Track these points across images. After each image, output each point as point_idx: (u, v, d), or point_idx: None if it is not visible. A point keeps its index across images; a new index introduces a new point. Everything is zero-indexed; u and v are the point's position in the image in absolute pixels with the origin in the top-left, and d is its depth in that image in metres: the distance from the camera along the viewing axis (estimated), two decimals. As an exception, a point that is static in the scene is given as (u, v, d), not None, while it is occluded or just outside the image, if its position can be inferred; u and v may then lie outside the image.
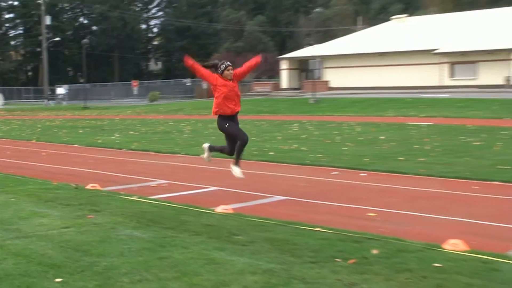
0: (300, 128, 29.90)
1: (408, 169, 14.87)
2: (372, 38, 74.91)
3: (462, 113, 37.64)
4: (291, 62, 78.16)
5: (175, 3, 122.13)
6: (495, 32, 63.51)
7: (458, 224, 9.17)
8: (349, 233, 8.10)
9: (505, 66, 59.68)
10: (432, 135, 24.21)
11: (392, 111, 41.83)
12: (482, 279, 6.12)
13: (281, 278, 6.13)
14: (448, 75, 64.00)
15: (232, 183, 13.23)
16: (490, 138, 22.65)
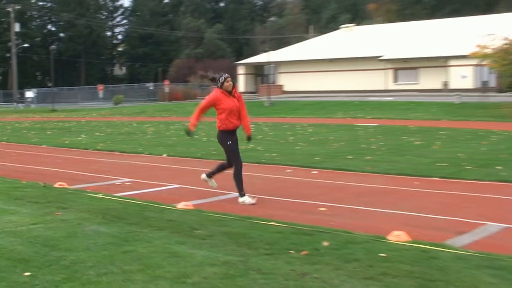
0: (256, 129, 29.87)
1: (356, 166, 14.98)
2: (322, 46, 75.35)
3: (405, 115, 38.02)
4: (248, 67, 78.24)
5: (138, 12, 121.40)
6: (434, 41, 64.31)
7: (401, 217, 9.26)
8: (302, 226, 8.14)
9: (443, 72, 60.43)
10: (377, 135, 24.40)
11: (341, 113, 42.07)
12: (422, 267, 6.21)
13: (239, 269, 6.14)
14: (392, 80, 64.60)
15: (192, 181, 13.22)
16: (429, 138, 22.92)
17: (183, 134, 11.53)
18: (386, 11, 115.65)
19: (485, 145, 19.77)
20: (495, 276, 5.91)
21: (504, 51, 37.05)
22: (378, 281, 5.79)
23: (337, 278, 5.87)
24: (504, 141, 21.26)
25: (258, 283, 5.70)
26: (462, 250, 7.00)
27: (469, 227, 8.45)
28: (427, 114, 38.34)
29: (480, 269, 6.16)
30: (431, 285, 5.67)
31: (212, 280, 5.79)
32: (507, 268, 6.18)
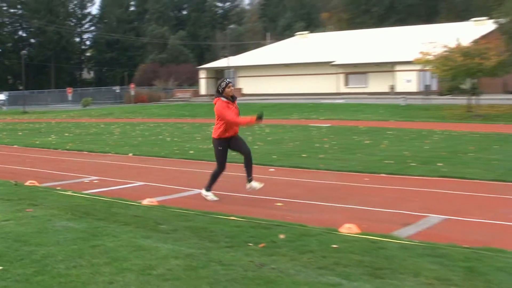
0: (217, 130, 29.83)
1: (310, 164, 15.05)
2: (279, 51, 75.58)
3: (355, 116, 38.29)
4: (209, 71, 78.11)
5: (106, 19, 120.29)
6: (382, 48, 64.93)
7: (352, 210, 9.34)
8: (260, 221, 8.16)
9: (390, 76, 61.00)
10: (330, 135, 24.54)
11: (297, 115, 42.20)
12: (371, 256, 6.28)
13: (201, 261, 6.14)
14: (343, 83, 65.02)
15: (156, 178, 13.18)
16: (377, 137, 23.12)
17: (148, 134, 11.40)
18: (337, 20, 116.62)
19: (427, 144, 20.01)
20: (436, 263, 6.01)
21: (444, 58, 37.52)
22: (331, 271, 5.83)
23: (293, 268, 5.91)
24: (445, 140, 21.55)
25: (219, 274, 5.71)
26: (407, 240, 7.09)
27: (413, 219, 8.56)
28: (376, 115, 38.68)
29: (423, 257, 6.25)
30: (379, 273, 5.73)
31: (176, 272, 5.78)
32: (446, 255, 6.29)
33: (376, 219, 8.68)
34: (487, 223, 8.37)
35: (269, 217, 8.50)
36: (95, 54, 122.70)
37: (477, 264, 5.97)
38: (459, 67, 36.29)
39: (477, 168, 13.82)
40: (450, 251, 6.49)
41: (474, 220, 8.54)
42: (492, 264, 5.98)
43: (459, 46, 38.06)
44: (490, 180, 12.22)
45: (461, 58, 36.29)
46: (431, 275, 5.65)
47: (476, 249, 6.57)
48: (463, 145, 19.60)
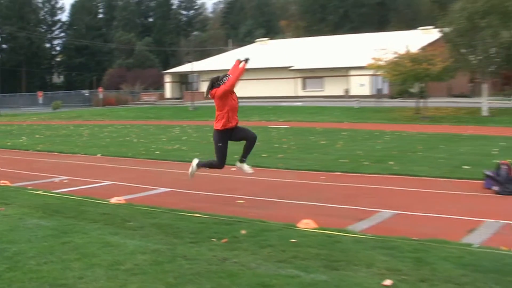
0: (181, 131, 29.77)
1: (270, 163, 15.09)
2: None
3: (312, 118, 38.46)
4: (174, 76, 77.73)
5: (75, 26, 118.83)
6: (337, 54, 65.32)
7: (309, 207, 9.39)
8: (222, 217, 8.16)
9: (344, 81, 61.42)
10: (288, 136, 24.63)
11: (257, 117, 42.22)
12: (327, 249, 6.32)
13: (167, 256, 6.12)
14: (301, 87, 65.28)
15: (123, 178, 13.10)
16: (333, 138, 23.27)
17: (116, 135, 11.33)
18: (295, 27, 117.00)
19: (379, 144, 20.20)
20: (387, 255, 6.08)
21: (395, 63, 37.91)
22: (290, 264, 5.86)
23: (254, 262, 5.92)
24: (395, 140, 21.78)
25: (184, 268, 5.70)
26: (360, 234, 7.16)
27: (367, 214, 8.64)
28: (331, 117, 38.90)
29: (375, 249, 6.32)
30: (335, 265, 5.78)
31: (143, 267, 5.76)
32: (397, 247, 6.37)
33: (332, 214, 8.74)
34: (434, 216, 8.49)
35: (231, 214, 8.50)
36: (65, 59, 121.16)
37: (424, 255, 6.06)
38: (408, 72, 36.72)
39: (424, 166, 14.00)
40: (400, 243, 6.58)
41: (422, 214, 8.66)
42: (437, 254, 6.08)
43: (408, 52, 38.48)
44: (436, 177, 12.40)
45: (410, 63, 36.71)
46: (383, 266, 5.72)
47: (424, 241, 6.67)
48: (412, 144, 19.83)
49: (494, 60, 37.24)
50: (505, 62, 37.64)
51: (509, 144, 19.47)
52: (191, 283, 5.30)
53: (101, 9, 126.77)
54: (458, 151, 17.40)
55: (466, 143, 20.14)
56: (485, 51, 36.81)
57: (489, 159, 14.72)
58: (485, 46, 36.54)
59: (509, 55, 36.45)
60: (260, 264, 5.87)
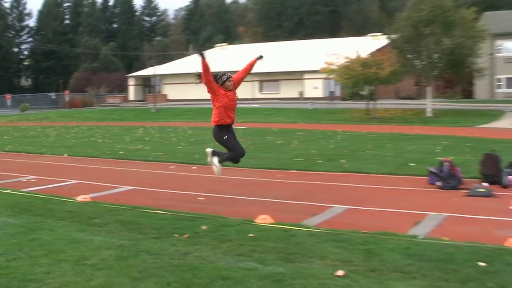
0: (144, 132, 29.56)
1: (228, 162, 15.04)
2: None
3: (269, 119, 38.57)
4: (137, 79, 77.19)
5: (42, 31, 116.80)
6: (292, 58, 65.64)
7: (266, 203, 9.41)
8: (184, 213, 8.15)
9: (299, 84, 61.80)
10: (247, 136, 24.63)
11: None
12: (284, 243, 6.36)
13: (131, 251, 6.09)
14: (258, 90, 65.46)
15: (89, 177, 12.94)
16: (288, 137, 23.37)
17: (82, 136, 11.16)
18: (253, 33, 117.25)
19: (332, 143, 20.36)
20: (339, 247, 6.14)
21: (346, 68, 38.25)
22: (248, 257, 5.88)
23: (214, 256, 5.93)
24: (347, 140, 21.98)
25: (147, 263, 5.68)
26: (314, 228, 7.22)
27: (320, 209, 8.70)
28: (287, 118, 39.07)
29: (328, 242, 6.38)
30: (291, 258, 5.82)
31: (108, 261, 5.72)
32: (348, 240, 6.44)
33: (288, 210, 8.78)
34: (382, 211, 8.60)
35: (193, 210, 8.49)
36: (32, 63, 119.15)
37: (374, 247, 6.14)
38: (359, 76, 37.11)
39: (374, 163, 14.16)
40: (351, 236, 6.65)
41: (372, 209, 8.76)
42: (386, 246, 6.17)
43: (358, 57, 38.89)
44: (385, 174, 12.55)
45: (360, 68, 37.11)
46: (335, 258, 5.78)
47: (373, 234, 6.76)
48: (362, 144, 20.04)
49: (437, 65, 37.91)
50: (447, 67, 38.37)
51: (451, 143, 19.82)
52: (154, 276, 5.28)
53: (67, 15, 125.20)
54: (404, 150, 17.64)
55: (412, 142, 20.43)
56: (429, 57, 37.46)
57: (432, 156, 14.96)
58: (429, 52, 37.20)
59: (451, 60, 37.14)
60: (220, 257, 5.87)
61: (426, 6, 36.16)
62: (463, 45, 36.25)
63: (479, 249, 6.02)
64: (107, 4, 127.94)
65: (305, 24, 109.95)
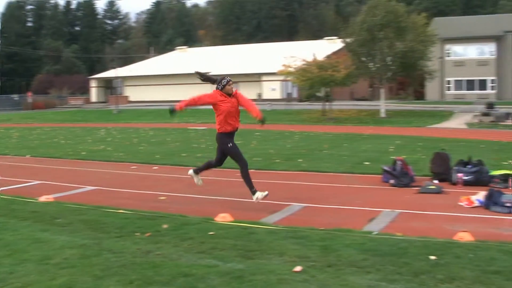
0: (106, 133, 29.24)
1: (189, 162, 14.99)
2: (161, 63, 74.96)
3: (228, 120, 38.50)
4: (99, 81, 76.39)
5: (5, 34, 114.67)
6: (250, 60, 65.76)
7: (226, 202, 9.41)
8: (145, 213, 8.09)
9: (257, 85, 61.91)
10: (206, 137, 24.57)
11: (177, 119, 41.94)
12: (243, 241, 6.37)
13: (94, 250, 6.03)
14: (218, 91, 65.32)
15: (52, 177, 12.74)
16: (247, 138, 23.39)
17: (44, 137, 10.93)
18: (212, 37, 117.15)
19: (289, 143, 20.47)
20: (297, 244, 6.18)
21: (303, 70, 38.51)
22: (209, 254, 5.88)
23: (176, 254, 5.91)
24: (304, 140, 22.11)
25: (110, 261, 5.63)
26: (273, 226, 7.24)
27: (279, 207, 8.73)
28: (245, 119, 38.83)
29: (287, 239, 6.41)
30: (250, 254, 5.83)
31: (71, 261, 5.65)
32: (306, 237, 6.48)
33: (247, 208, 8.79)
34: (339, 208, 8.68)
35: (154, 209, 8.44)
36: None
37: (331, 243, 6.19)
38: (315, 78, 37.38)
39: (330, 162, 14.27)
40: (309, 233, 6.69)
41: (328, 206, 8.82)
42: (342, 242, 6.23)
43: (315, 60, 39.18)
44: (341, 172, 12.67)
45: (316, 70, 37.39)
46: (294, 254, 5.81)
47: (330, 230, 6.81)
48: (319, 143, 20.19)
49: (390, 68, 38.45)
50: (399, 70, 38.94)
51: (403, 142, 20.10)
52: (117, 275, 5.23)
53: (30, 17, 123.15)
54: (359, 149, 17.83)
55: (366, 141, 20.67)
56: (383, 60, 37.98)
57: (386, 155, 15.15)
58: (382, 55, 37.72)
59: (403, 63, 37.72)
60: (181, 255, 5.86)
61: (380, 11, 36.67)
62: (414, 49, 36.88)
63: (430, 243, 6.13)
64: (70, 7, 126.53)
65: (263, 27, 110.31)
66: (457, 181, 10.51)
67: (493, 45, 59.45)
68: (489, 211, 8.13)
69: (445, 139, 21.36)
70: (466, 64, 59.71)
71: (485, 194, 8.51)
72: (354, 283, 4.97)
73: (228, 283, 5.00)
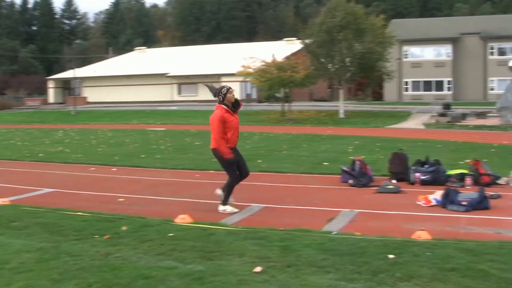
0: (64, 134, 28.81)
1: (148, 163, 14.92)
2: (120, 64, 74.25)
3: (187, 121, 38.44)
4: (57, 82, 75.21)
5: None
6: (210, 61, 65.62)
7: (185, 203, 9.36)
8: (104, 215, 8.00)
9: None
10: (165, 138, 24.45)
11: (136, 120, 41.64)
12: (203, 242, 6.36)
13: (51, 253, 5.94)
14: (177, 92, 65.03)
15: (8, 180, 12.49)
16: (206, 139, 23.17)
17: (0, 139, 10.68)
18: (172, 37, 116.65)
19: (249, 144, 20.49)
20: (257, 245, 6.19)
21: (262, 71, 38.63)
22: (168, 256, 5.85)
23: (135, 256, 5.86)
24: (263, 140, 22.18)
25: (68, 264, 5.55)
26: (233, 227, 7.25)
27: (238, 208, 8.71)
28: (205, 120, 38.82)
29: (246, 240, 6.42)
30: (210, 255, 5.82)
31: (28, 264, 5.56)
32: (266, 237, 6.50)
33: (207, 209, 8.76)
34: (298, 208, 8.72)
35: (113, 211, 8.35)
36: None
37: (290, 243, 6.22)
38: (275, 79, 37.53)
39: (289, 163, 14.35)
40: (268, 233, 6.71)
41: (288, 207, 8.86)
42: (302, 242, 6.26)
43: (274, 61, 39.33)
44: (300, 173, 12.74)
45: (276, 71, 37.54)
46: (254, 255, 5.82)
47: (289, 231, 6.85)
48: (278, 144, 20.27)
49: (349, 69, 38.85)
50: (358, 71, 39.38)
51: (362, 143, 20.33)
52: (75, 278, 5.17)
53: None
54: (319, 150, 17.96)
55: (325, 142, 20.83)
56: (342, 61, 38.35)
57: (345, 156, 15.30)
58: (341, 56, 38.08)
59: (362, 64, 38.16)
60: (140, 257, 5.81)
61: (339, 13, 37.00)
62: (373, 50, 37.34)
63: (388, 242, 6.21)
64: (26, 6, 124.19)
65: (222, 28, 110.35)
66: (414, 180, 10.67)
67: (449, 47, 60.59)
68: (446, 209, 8.28)
69: (403, 139, 21.68)
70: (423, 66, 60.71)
71: (442, 193, 8.67)
72: (314, 283, 5.00)
73: (188, 284, 4.98)
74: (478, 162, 10.91)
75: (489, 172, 10.67)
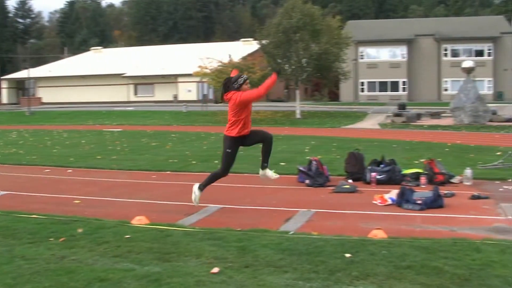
0: (18, 136, 28.25)
1: (104, 165, 14.75)
2: (76, 64, 73.34)
3: (144, 122, 38.15)
4: (10, 82, 73.92)
5: None
6: (166, 62, 65.30)
7: (142, 204, 9.27)
8: (60, 217, 7.86)
9: (173, 87, 61.60)
10: (122, 138, 24.22)
11: (92, 121, 41.13)
12: (160, 243, 6.31)
13: (5, 258, 5.81)
14: (133, 93, 64.58)
15: (-41, 182, 12.18)
16: (163, 139, 23.22)
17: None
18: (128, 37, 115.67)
19: (206, 144, 20.45)
20: (215, 245, 6.18)
21: (219, 71, 38.68)
22: (125, 258, 5.79)
23: (91, 258, 5.79)
24: (220, 141, 21.92)
25: (22, 268, 5.44)
26: (190, 228, 7.21)
27: (195, 209, 8.69)
28: (161, 120, 38.80)
29: (204, 241, 6.40)
30: (167, 257, 5.79)
31: (-20, 269, 5.43)
32: (223, 238, 6.50)
33: (163, 210, 8.71)
34: (255, 209, 8.74)
35: (68, 214, 8.21)
36: None
37: (248, 243, 6.22)
38: (231, 80, 37.51)
39: (246, 163, 14.34)
40: (226, 234, 6.70)
41: (245, 207, 8.88)
42: (259, 242, 6.27)
43: (231, 61, 39.42)
44: (257, 173, 12.61)
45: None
46: (211, 255, 5.81)
47: (247, 231, 6.85)
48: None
49: (305, 69, 39.16)
50: (315, 71, 39.73)
51: (319, 143, 20.49)
52: (30, 282, 5.07)
53: None
54: (275, 150, 17.89)
55: (282, 142, 20.91)
56: (298, 62, 38.62)
57: (302, 156, 15.40)
58: (298, 57, 38.36)
59: (318, 65, 38.51)
60: (97, 260, 5.74)
61: (296, 14, 37.25)
62: (329, 51, 37.73)
63: (345, 241, 6.27)
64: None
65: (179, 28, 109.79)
66: (370, 180, 10.80)
67: (404, 48, 61.64)
68: (401, 208, 8.40)
69: (359, 139, 21.93)
70: (379, 66, 61.62)
71: (397, 192, 8.79)
72: (271, 283, 5.02)
73: (145, 286, 4.94)
74: (432, 162, 11.10)
75: (443, 171, 10.87)
